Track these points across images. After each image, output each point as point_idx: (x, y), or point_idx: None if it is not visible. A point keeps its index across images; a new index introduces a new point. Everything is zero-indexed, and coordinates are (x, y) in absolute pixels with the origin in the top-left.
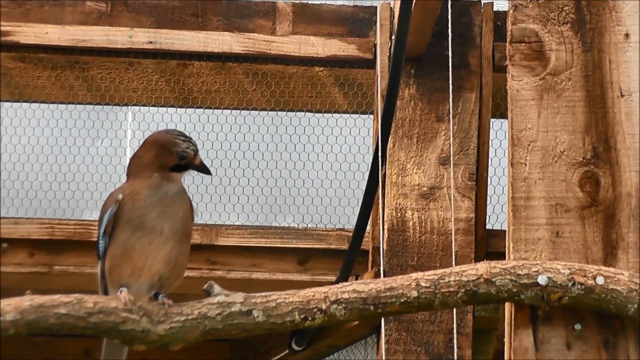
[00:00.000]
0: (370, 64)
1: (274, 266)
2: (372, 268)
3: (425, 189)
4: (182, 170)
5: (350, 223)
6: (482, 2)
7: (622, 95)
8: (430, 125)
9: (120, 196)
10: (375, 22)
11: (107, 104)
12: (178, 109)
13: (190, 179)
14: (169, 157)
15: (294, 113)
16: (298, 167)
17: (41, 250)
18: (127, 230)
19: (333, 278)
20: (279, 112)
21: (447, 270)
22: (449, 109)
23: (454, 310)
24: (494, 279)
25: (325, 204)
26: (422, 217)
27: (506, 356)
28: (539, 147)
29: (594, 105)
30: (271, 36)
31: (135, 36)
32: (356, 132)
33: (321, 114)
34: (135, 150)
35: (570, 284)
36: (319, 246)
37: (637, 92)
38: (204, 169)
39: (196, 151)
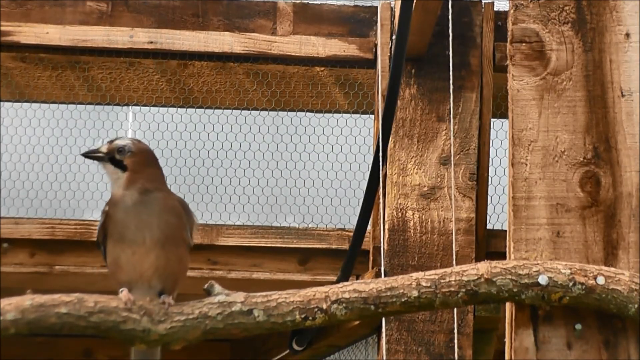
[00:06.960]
0: (371, 64)
1: (274, 266)
2: (372, 268)
3: (425, 189)
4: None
5: (351, 223)
6: (483, 2)
7: (623, 95)
8: (431, 125)
9: (107, 207)
10: (376, 22)
11: (108, 104)
12: (178, 109)
13: (190, 179)
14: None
15: (295, 113)
16: (298, 167)
17: (42, 250)
18: (113, 241)
19: (334, 278)
20: (280, 112)
21: (448, 270)
22: (450, 108)
23: (455, 310)
24: (494, 279)
25: (325, 204)
26: (423, 217)
27: (507, 356)
28: (539, 147)
29: (595, 105)
30: (272, 36)
31: (135, 36)
32: (356, 132)
33: (321, 114)
34: None
35: (570, 284)
36: (320, 246)
37: (638, 92)
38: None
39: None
